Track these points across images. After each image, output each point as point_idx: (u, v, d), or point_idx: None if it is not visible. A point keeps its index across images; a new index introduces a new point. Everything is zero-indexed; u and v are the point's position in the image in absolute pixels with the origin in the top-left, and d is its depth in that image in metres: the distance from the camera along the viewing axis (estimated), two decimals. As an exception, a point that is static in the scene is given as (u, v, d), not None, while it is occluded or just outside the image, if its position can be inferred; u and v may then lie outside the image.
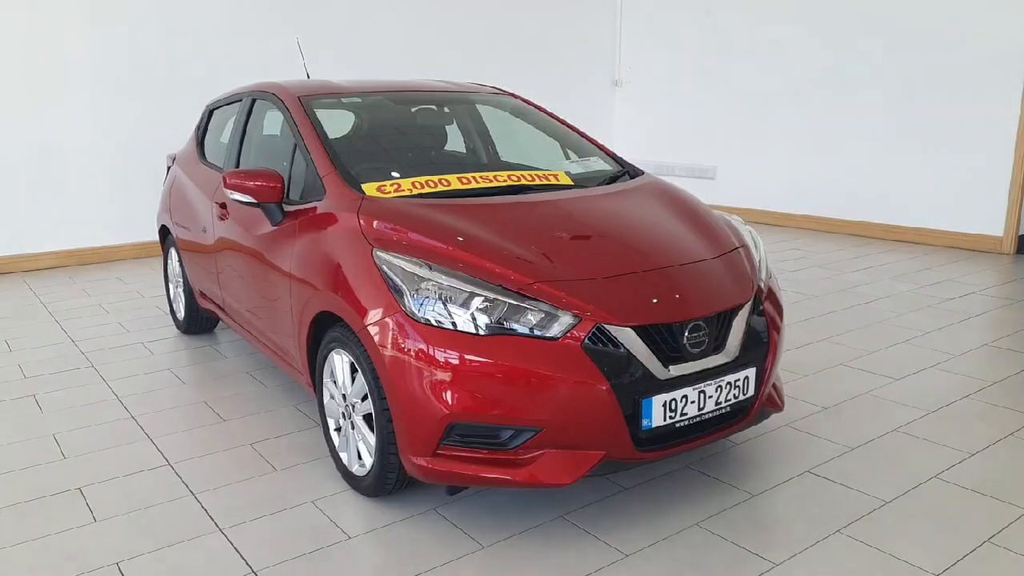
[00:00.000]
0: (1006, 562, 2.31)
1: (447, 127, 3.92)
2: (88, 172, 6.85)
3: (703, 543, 2.44)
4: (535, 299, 2.38)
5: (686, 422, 2.48)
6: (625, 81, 10.10)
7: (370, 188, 2.93)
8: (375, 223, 2.70)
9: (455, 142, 3.94)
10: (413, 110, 3.79)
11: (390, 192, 2.92)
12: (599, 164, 3.57)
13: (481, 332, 2.34)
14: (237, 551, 2.44)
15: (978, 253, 6.84)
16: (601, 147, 3.73)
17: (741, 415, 2.67)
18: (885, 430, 3.23)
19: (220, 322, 4.82)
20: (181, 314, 4.72)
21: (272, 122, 3.78)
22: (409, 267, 2.48)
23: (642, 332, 2.38)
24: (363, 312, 2.52)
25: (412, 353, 2.38)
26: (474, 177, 3.12)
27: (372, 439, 2.62)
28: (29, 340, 4.71)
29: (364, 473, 2.70)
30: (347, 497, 2.77)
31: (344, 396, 2.77)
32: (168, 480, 2.92)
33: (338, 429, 2.90)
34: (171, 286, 4.91)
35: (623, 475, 2.86)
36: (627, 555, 2.38)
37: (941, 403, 3.50)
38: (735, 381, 2.57)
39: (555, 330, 2.34)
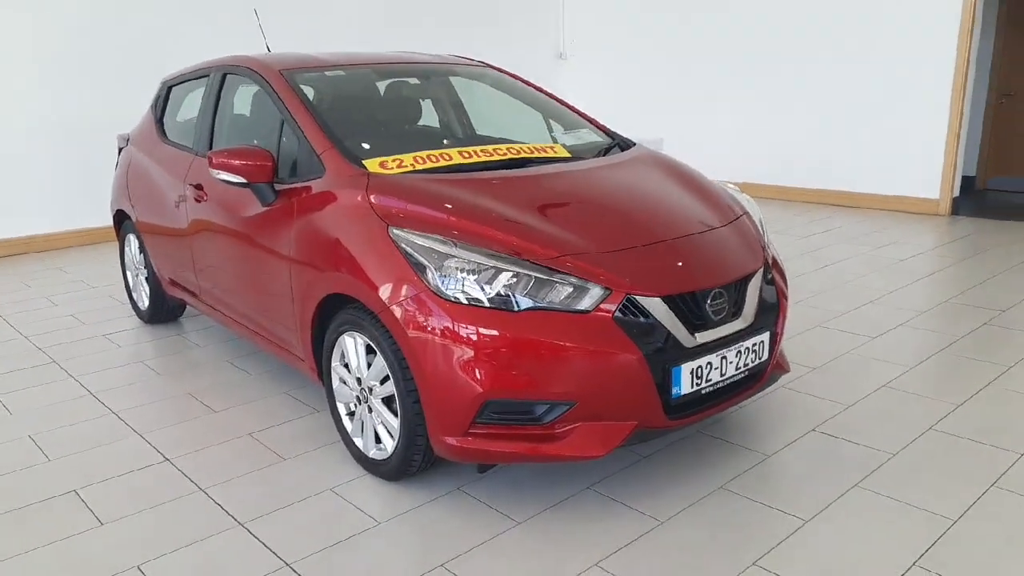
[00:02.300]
0: (1014, 504, 2.44)
1: (434, 100, 3.83)
2: (23, 157, 6.44)
3: (733, 505, 2.49)
4: (563, 272, 2.36)
5: (710, 388, 2.51)
6: (569, 54, 10.09)
7: (372, 164, 2.83)
8: (386, 200, 2.61)
9: (445, 115, 3.85)
10: (399, 83, 3.68)
11: (392, 168, 2.84)
12: (590, 136, 3.56)
13: (512, 308, 2.31)
14: (264, 545, 2.36)
15: (917, 215, 7.16)
16: (588, 119, 3.71)
17: (756, 379, 2.72)
18: (874, 386, 3.36)
19: (185, 311, 4.63)
20: (144, 304, 4.50)
21: (246, 98, 3.61)
22: (432, 244, 2.41)
23: (669, 301, 2.40)
24: (385, 292, 2.44)
25: (442, 332, 2.33)
26: (474, 151, 3.06)
27: (394, 421, 2.56)
28: (-24, 337, 4.42)
29: (385, 456, 2.64)
30: (366, 482, 2.71)
31: (359, 380, 2.69)
32: (170, 476, 2.79)
33: (350, 414, 2.82)
34: (129, 274, 4.67)
35: (641, 444, 2.88)
36: (662, 521, 2.41)
37: (920, 358, 3.66)
38: (752, 346, 2.61)
39: (586, 303, 2.33)
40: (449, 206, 2.56)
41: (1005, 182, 8.50)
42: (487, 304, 2.32)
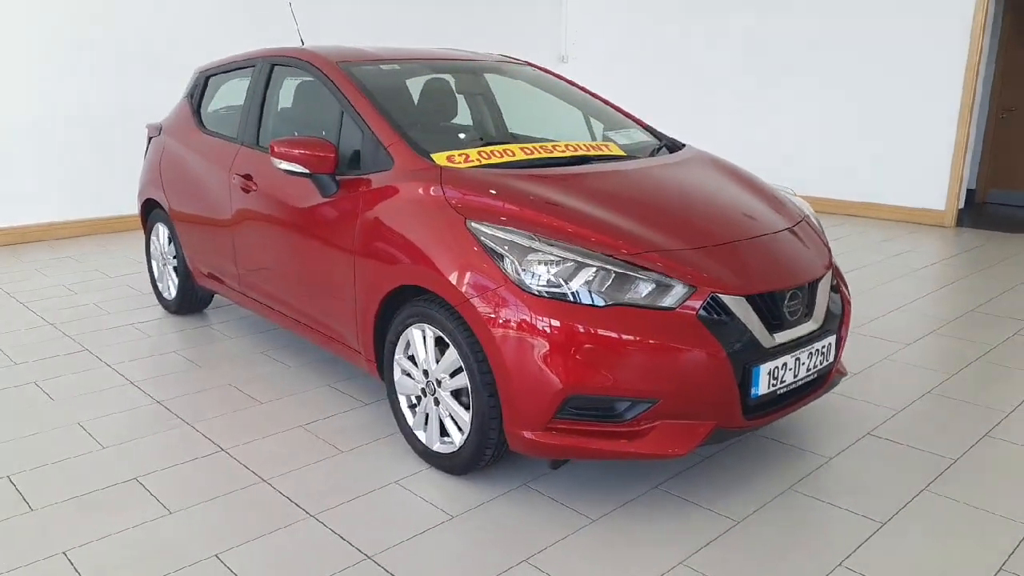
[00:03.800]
0: (1080, 510, 2.48)
1: (484, 96, 3.82)
2: (27, 144, 6.33)
3: (806, 506, 2.50)
4: (646, 269, 2.35)
5: (784, 389, 2.52)
6: (571, 57, 10.12)
7: (439, 158, 2.82)
8: (462, 193, 2.60)
9: (496, 112, 3.84)
10: (454, 78, 3.66)
11: (459, 162, 2.82)
12: (639, 135, 3.57)
13: (596, 303, 2.30)
14: (340, 537, 2.33)
15: (922, 226, 7.25)
16: (635, 119, 3.72)
17: (822, 381, 2.74)
18: (919, 392, 3.39)
19: (212, 303, 4.57)
20: (171, 294, 4.44)
21: (298, 89, 3.58)
22: (513, 238, 2.40)
23: (752, 301, 2.41)
24: (464, 285, 2.43)
25: (524, 326, 2.32)
26: (536, 147, 3.06)
27: (464, 415, 2.55)
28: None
29: (452, 450, 2.62)
30: (429, 476, 2.69)
31: (426, 372, 2.67)
32: (229, 466, 2.75)
33: (412, 407, 2.81)
34: (155, 264, 4.59)
35: (716, 444, 2.87)
36: (738, 521, 2.42)
37: (958, 365, 3.70)
38: (821, 347, 2.63)
39: (669, 300, 2.33)
40: (527, 200, 2.55)
41: (1005, 195, 8.65)
42: (570, 299, 2.31)
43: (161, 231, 4.43)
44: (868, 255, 6.00)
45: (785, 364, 2.49)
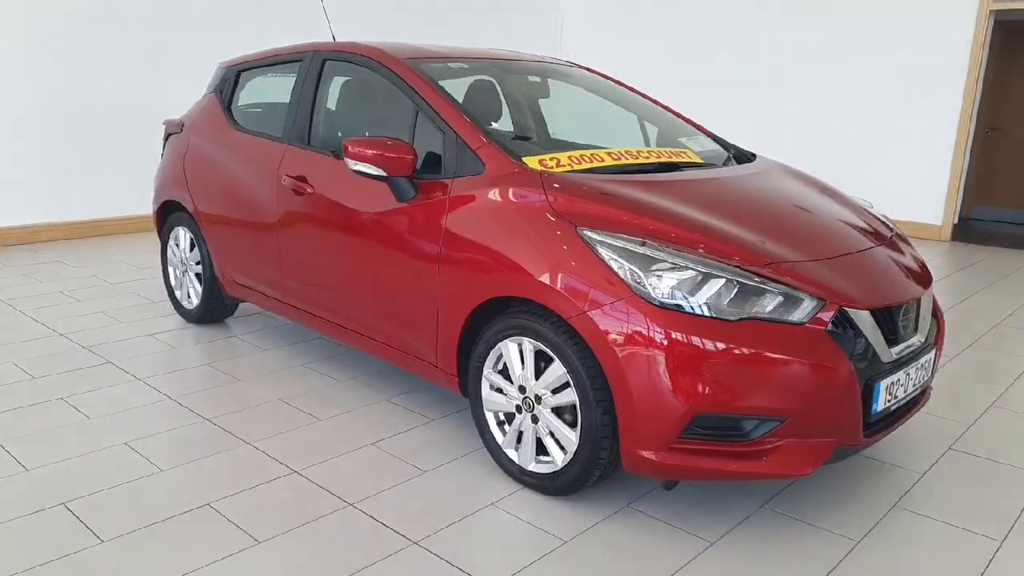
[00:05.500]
0: None
1: (543, 100, 3.71)
2: (11, 140, 5.96)
3: (919, 524, 2.44)
4: (775, 281, 2.26)
5: (895, 405, 2.47)
6: (567, 58, 10.07)
7: (531, 161, 2.69)
8: (568, 199, 2.48)
9: (558, 115, 3.73)
10: (522, 80, 3.54)
11: (551, 166, 2.70)
12: (707, 143, 3.50)
13: (724, 317, 2.20)
14: (454, 565, 2.17)
15: (918, 240, 7.37)
16: (699, 126, 3.66)
17: (921, 396, 2.69)
18: (982, 406, 3.38)
19: (232, 313, 4.33)
20: (192, 302, 4.19)
21: (352, 87, 3.41)
22: (634, 247, 2.29)
23: (875, 314, 2.34)
24: (576, 297, 2.30)
25: (648, 341, 2.20)
26: (621, 152, 2.95)
27: (569, 433, 2.42)
28: (4, 334, 4.02)
29: (552, 470, 2.49)
30: (525, 497, 2.55)
31: (522, 388, 2.53)
32: (308, 489, 2.57)
33: (501, 424, 2.67)
34: (173, 271, 4.33)
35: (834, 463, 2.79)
36: (858, 540, 2.34)
37: (1010, 378, 3.72)
38: (925, 362, 2.58)
39: (799, 314, 2.24)
40: (641, 207, 2.44)
41: (989, 212, 8.88)
42: (696, 311, 2.21)
43: (182, 235, 4.18)
44: (880, 267, 6.04)
45: (899, 380, 2.43)
